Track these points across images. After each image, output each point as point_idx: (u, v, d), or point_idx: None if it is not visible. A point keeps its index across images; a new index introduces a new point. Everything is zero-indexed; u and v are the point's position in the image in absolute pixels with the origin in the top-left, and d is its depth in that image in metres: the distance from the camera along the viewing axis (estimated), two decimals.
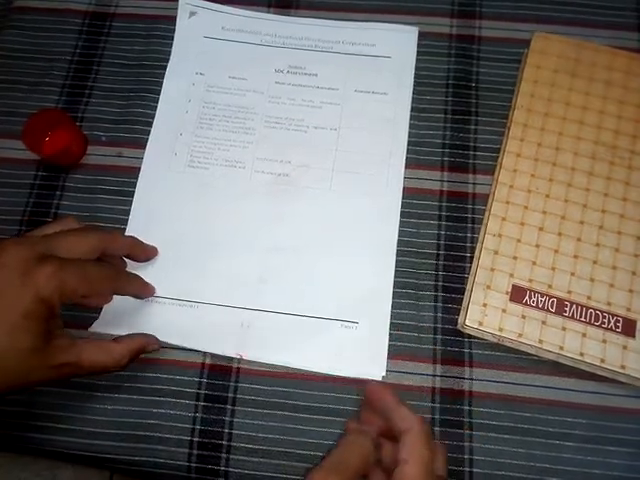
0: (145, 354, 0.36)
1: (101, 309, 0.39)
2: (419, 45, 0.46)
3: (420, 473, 0.26)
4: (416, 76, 0.45)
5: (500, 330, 0.36)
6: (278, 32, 0.46)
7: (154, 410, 0.37)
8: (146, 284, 0.39)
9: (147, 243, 0.40)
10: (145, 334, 0.37)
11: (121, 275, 0.37)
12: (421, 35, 0.46)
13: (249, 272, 0.40)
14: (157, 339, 0.37)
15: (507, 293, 0.37)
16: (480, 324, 0.36)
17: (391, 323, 0.38)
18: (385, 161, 0.42)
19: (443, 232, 0.40)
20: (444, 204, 0.41)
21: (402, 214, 0.41)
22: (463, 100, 0.44)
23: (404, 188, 0.42)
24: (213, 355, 0.38)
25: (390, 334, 0.38)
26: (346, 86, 0.45)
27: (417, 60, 0.45)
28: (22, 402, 0.37)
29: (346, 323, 0.38)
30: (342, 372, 0.37)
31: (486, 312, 0.36)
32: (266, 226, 0.41)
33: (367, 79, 0.45)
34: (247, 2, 0.47)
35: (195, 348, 0.38)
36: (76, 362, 0.32)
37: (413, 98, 0.44)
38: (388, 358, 0.37)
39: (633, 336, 0.35)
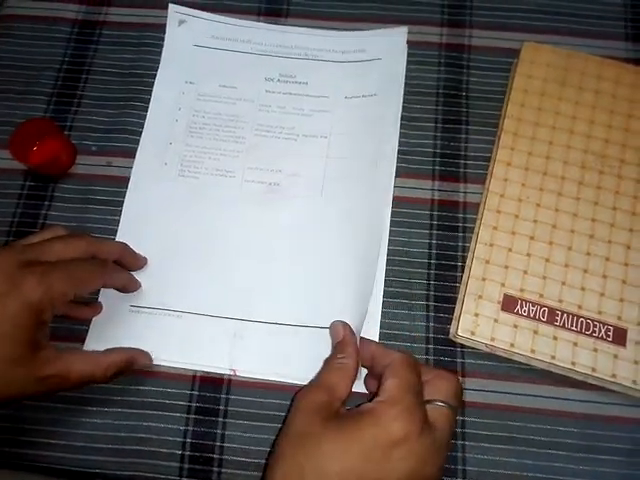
0: (136, 368, 0.35)
1: (90, 323, 0.38)
2: (409, 54, 0.46)
3: (402, 388, 0.28)
4: (406, 85, 0.45)
5: (492, 340, 0.36)
6: (268, 41, 0.46)
7: (145, 424, 0.36)
8: (132, 277, 0.38)
9: (137, 252, 0.39)
10: (138, 349, 0.36)
11: (107, 267, 0.36)
12: (411, 44, 0.46)
13: (240, 282, 0.40)
14: (149, 355, 0.36)
15: (499, 302, 0.37)
16: (472, 334, 0.36)
17: (383, 333, 0.38)
18: (376, 170, 0.42)
19: (434, 241, 0.40)
20: (435, 213, 0.41)
21: (393, 223, 0.41)
22: (453, 109, 0.44)
23: (395, 197, 0.41)
24: None
25: (381, 344, 0.38)
26: (336, 94, 0.45)
27: (407, 69, 0.45)
28: (12, 418, 0.36)
29: None
30: None
31: (478, 322, 0.36)
32: (257, 236, 0.41)
33: (357, 83, 0.45)
34: (237, 11, 0.47)
35: (187, 367, 0.37)
36: (63, 374, 0.31)
37: (403, 107, 0.44)
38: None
39: (624, 345, 0.35)
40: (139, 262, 0.39)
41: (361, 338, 0.34)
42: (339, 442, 0.27)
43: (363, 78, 0.45)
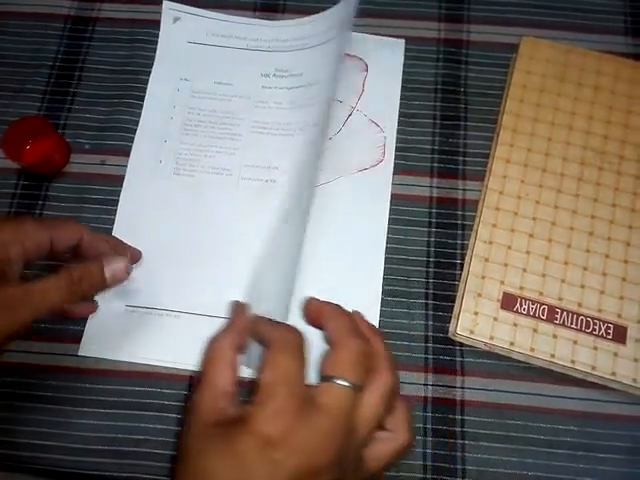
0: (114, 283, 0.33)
1: (85, 323, 0.38)
2: (407, 50, 0.45)
3: (274, 382, 0.24)
4: (404, 81, 0.44)
5: (491, 338, 0.35)
6: (263, 36, 0.46)
7: (141, 425, 0.36)
8: (117, 255, 0.35)
9: (131, 246, 0.38)
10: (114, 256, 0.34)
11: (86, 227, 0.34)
12: (409, 40, 0.45)
13: (237, 281, 0.39)
14: (126, 264, 0.33)
15: (498, 301, 0.36)
16: (471, 332, 0.36)
17: (382, 331, 0.38)
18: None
19: (433, 239, 0.40)
20: (434, 210, 0.41)
21: (391, 221, 0.40)
22: (452, 105, 0.44)
23: (393, 194, 0.41)
24: None
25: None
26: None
27: (405, 65, 0.45)
28: (7, 419, 0.36)
29: None
30: None
31: (477, 320, 0.36)
32: (254, 234, 0.40)
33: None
34: (233, 7, 0.47)
35: (183, 367, 0.37)
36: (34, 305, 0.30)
37: (401, 103, 0.43)
38: None
39: (624, 343, 0.35)
40: (126, 251, 0.37)
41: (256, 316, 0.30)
42: (218, 459, 0.24)
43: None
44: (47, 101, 0.44)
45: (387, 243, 0.40)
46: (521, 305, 0.36)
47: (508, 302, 0.36)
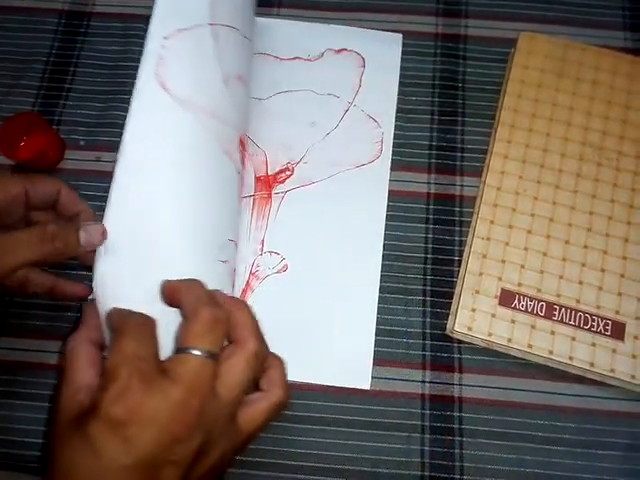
0: None
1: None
2: (404, 44, 0.45)
3: (112, 365, 0.25)
4: (401, 76, 0.44)
5: (489, 335, 0.35)
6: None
7: None
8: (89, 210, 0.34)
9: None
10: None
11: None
12: (406, 34, 0.45)
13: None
14: (103, 229, 0.31)
15: (496, 297, 0.36)
16: (469, 329, 0.35)
17: (379, 329, 0.37)
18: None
19: (430, 235, 0.40)
20: (431, 207, 0.41)
21: (388, 217, 0.40)
22: (449, 101, 0.43)
23: (390, 190, 0.41)
24: None
25: (378, 340, 0.37)
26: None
27: (402, 60, 0.44)
28: (6, 418, 0.36)
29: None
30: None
31: (475, 317, 0.36)
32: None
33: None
34: None
35: None
36: None
37: (398, 99, 0.43)
38: (377, 365, 0.37)
39: (622, 339, 0.35)
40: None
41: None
42: (76, 452, 0.24)
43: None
44: (41, 97, 0.44)
45: (384, 239, 0.39)
46: (519, 302, 0.36)
47: (506, 299, 0.36)
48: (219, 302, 0.28)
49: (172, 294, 0.29)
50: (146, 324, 0.27)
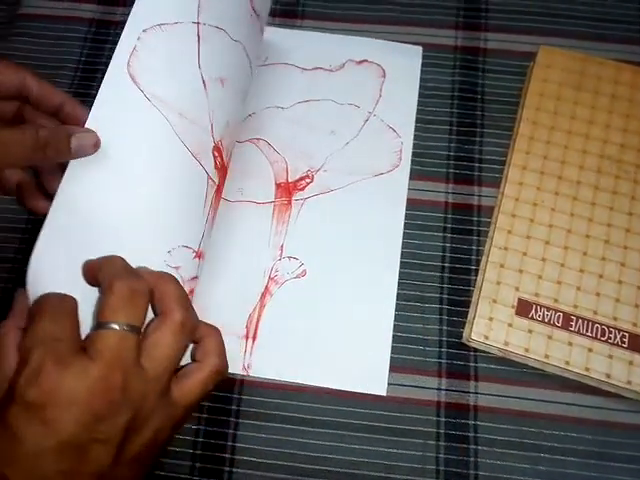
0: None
1: None
2: (424, 56, 0.46)
3: (24, 343, 0.25)
4: (421, 87, 0.45)
5: (506, 344, 0.36)
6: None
7: None
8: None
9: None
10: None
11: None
12: (426, 47, 0.46)
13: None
14: (96, 138, 0.30)
15: (513, 307, 0.36)
16: (486, 338, 0.36)
17: (396, 336, 0.38)
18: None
19: (448, 244, 0.40)
20: (449, 216, 0.41)
21: (406, 226, 0.41)
22: (469, 112, 0.44)
23: (408, 199, 0.41)
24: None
25: (395, 347, 0.37)
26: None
27: (422, 71, 0.45)
28: None
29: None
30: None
31: (492, 326, 0.36)
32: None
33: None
34: None
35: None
36: None
37: (418, 109, 0.44)
38: (393, 371, 0.37)
39: (639, 352, 0.35)
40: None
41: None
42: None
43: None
44: None
45: (402, 247, 0.40)
46: (536, 312, 0.36)
47: (523, 308, 0.36)
48: (138, 275, 0.27)
49: (91, 272, 0.28)
50: (63, 304, 0.26)
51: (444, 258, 0.40)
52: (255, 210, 0.42)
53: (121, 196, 0.32)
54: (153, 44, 0.34)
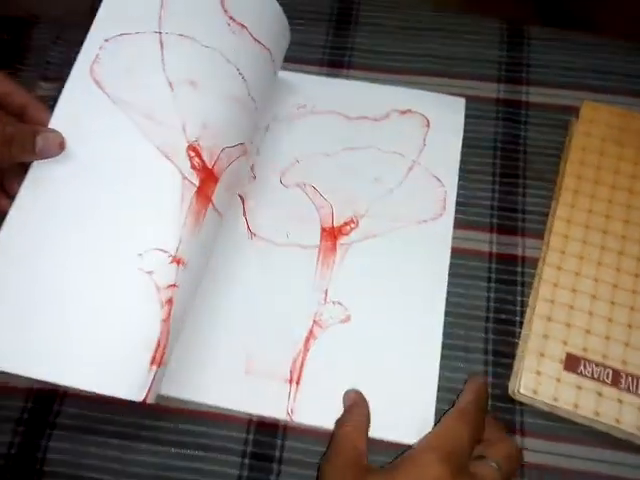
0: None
1: None
2: (466, 108, 0.47)
3: (441, 436, 0.32)
4: (464, 137, 0.46)
5: (555, 400, 0.35)
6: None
7: (199, 465, 0.36)
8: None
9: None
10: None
11: None
12: (468, 98, 0.47)
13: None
14: (61, 139, 0.32)
15: (561, 362, 0.36)
16: (535, 392, 0.35)
17: (441, 386, 0.38)
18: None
19: (492, 294, 0.40)
20: (493, 266, 0.41)
21: (450, 274, 0.41)
22: (511, 163, 0.45)
23: (452, 248, 0.42)
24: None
25: (440, 396, 0.37)
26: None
27: (465, 123, 0.46)
28: (67, 451, 0.37)
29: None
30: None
31: (540, 380, 0.36)
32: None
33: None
34: (301, 61, 0.49)
35: (240, 409, 0.37)
36: None
37: (461, 159, 0.45)
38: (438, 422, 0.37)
39: None
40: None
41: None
42: None
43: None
44: None
45: (446, 297, 0.40)
46: (585, 367, 0.36)
47: (571, 363, 0.36)
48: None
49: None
50: (471, 417, 0.33)
51: (488, 308, 0.40)
52: (301, 253, 0.42)
53: (85, 196, 0.33)
54: (116, 52, 0.36)
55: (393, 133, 0.46)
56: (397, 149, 0.45)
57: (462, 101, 0.47)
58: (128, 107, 0.35)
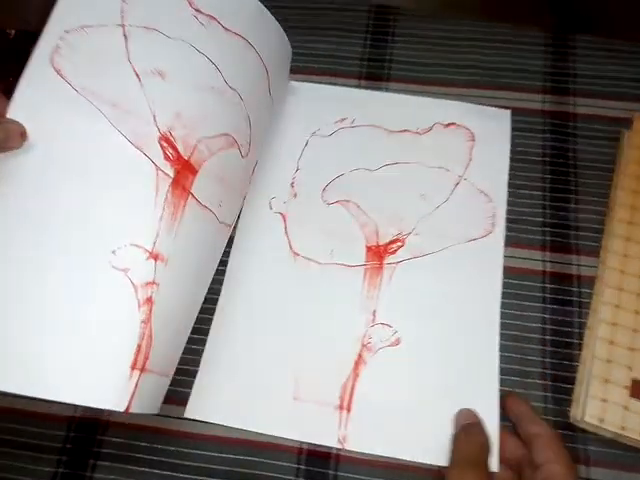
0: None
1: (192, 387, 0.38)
2: (512, 120, 0.45)
3: (568, 472, 0.31)
4: (511, 152, 0.44)
5: (623, 429, 0.34)
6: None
7: None
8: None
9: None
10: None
11: None
12: (513, 110, 0.46)
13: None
14: (22, 130, 0.30)
15: (627, 388, 0.35)
16: (601, 421, 0.34)
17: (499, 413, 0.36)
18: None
19: (548, 316, 0.39)
20: (547, 285, 0.40)
21: (503, 295, 0.39)
22: (561, 178, 0.43)
23: (504, 267, 0.40)
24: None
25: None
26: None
27: (511, 136, 0.45)
28: None
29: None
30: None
31: (606, 408, 0.34)
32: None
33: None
34: (340, 74, 0.48)
35: (290, 437, 0.36)
36: None
37: (510, 174, 0.43)
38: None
39: None
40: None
41: (511, 395, 0.36)
42: None
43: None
44: None
45: (500, 318, 0.39)
46: None
47: (638, 390, 0.35)
48: None
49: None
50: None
51: (544, 330, 0.39)
52: (346, 273, 0.41)
53: (51, 190, 0.31)
54: (77, 42, 0.34)
55: (437, 147, 0.45)
56: (442, 164, 0.44)
57: (508, 113, 0.46)
58: (93, 96, 0.33)
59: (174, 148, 0.34)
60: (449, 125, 0.46)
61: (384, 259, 0.41)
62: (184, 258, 0.35)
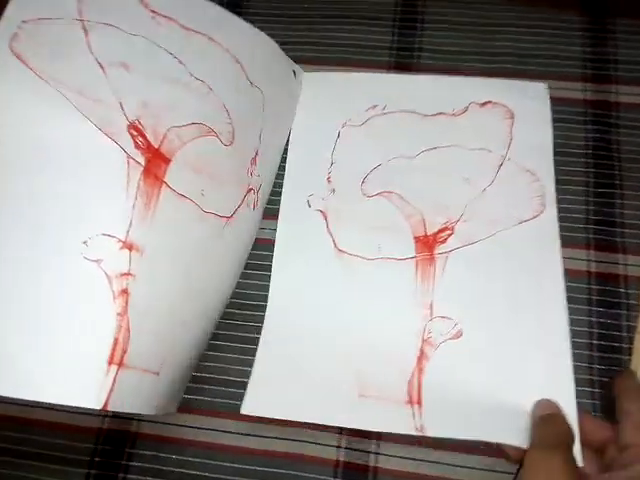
0: None
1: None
2: (551, 111, 0.43)
3: None
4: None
5: None
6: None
7: None
8: None
9: None
10: None
11: None
12: (552, 100, 0.43)
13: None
14: None
15: None
16: None
17: None
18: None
19: (595, 319, 0.37)
20: (593, 287, 0.38)
21: None
22: (606, 172, 0.41)
23: None
24: (348, 452, 0.35)
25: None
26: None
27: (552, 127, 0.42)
28: None
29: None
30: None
31: None
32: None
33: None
34: (368, 65, 0.46)
35: (361, 427, 0.34)
36: None
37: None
38: None
39: None
40: None
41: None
42: None
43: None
44: None
45: None
46: None
47: None
48: None
49: None
50: None
51: (591, 334, 0.37)
52: (396, 267, 0.39)
53: (17, 181, 0.30)
54: (35, 31, 0.33)
55: (475, 128, 0.42)
56: (483, 145, 0.41)
57: (543, 86, 0.43)
58: (58, 83, 0.32)
59: (143, 136, 0.34)
60: (485, 104, 0.43)
61: (434, 249, 0.39)
62: (162, 248, 0.33)
